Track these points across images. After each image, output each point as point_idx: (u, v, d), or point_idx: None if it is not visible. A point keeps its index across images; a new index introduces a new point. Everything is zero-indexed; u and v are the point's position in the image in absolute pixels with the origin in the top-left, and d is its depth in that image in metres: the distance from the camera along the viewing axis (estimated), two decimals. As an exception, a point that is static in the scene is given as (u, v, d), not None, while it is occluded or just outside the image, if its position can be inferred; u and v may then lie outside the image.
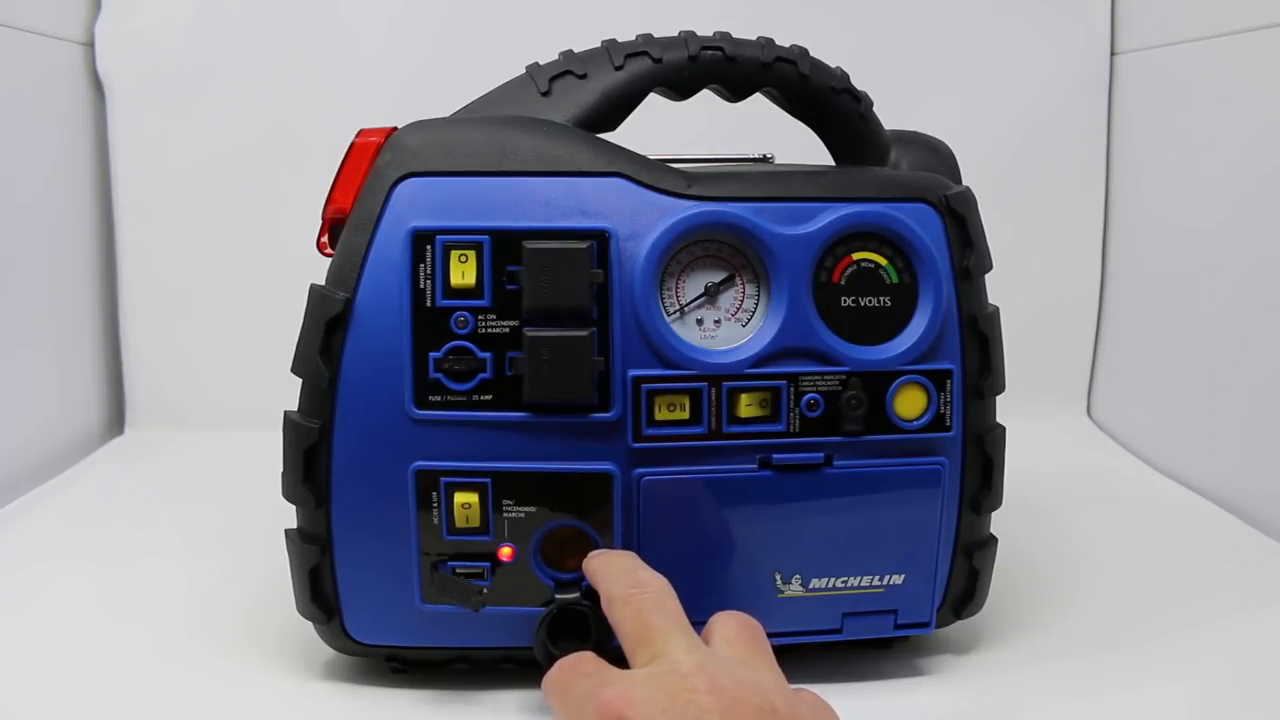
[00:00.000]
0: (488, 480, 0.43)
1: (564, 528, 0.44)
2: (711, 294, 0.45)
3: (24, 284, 0.78)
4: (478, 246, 0.43)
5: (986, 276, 0.48)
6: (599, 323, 0.43)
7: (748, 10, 0.70)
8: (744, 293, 0.45)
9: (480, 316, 0.43)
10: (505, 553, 0.44)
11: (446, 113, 0.47)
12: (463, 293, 0.43)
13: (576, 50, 0.48)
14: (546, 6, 0.87)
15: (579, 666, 0.37)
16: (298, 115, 0.87)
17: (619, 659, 0.38)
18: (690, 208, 0.44)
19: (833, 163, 0.53)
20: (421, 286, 0.43)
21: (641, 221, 0.44)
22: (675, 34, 0.48)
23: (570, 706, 0.36)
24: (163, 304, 0.89)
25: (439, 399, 0.43)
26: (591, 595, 0.42)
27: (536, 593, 0.44)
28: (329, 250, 0.45)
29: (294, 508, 0.45)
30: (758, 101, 0.51)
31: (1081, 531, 0.66)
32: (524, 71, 0.48)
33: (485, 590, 0.44)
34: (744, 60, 0.48)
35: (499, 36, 0.87)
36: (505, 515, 0.43)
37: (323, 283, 0.44)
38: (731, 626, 0.38)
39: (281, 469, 0.44)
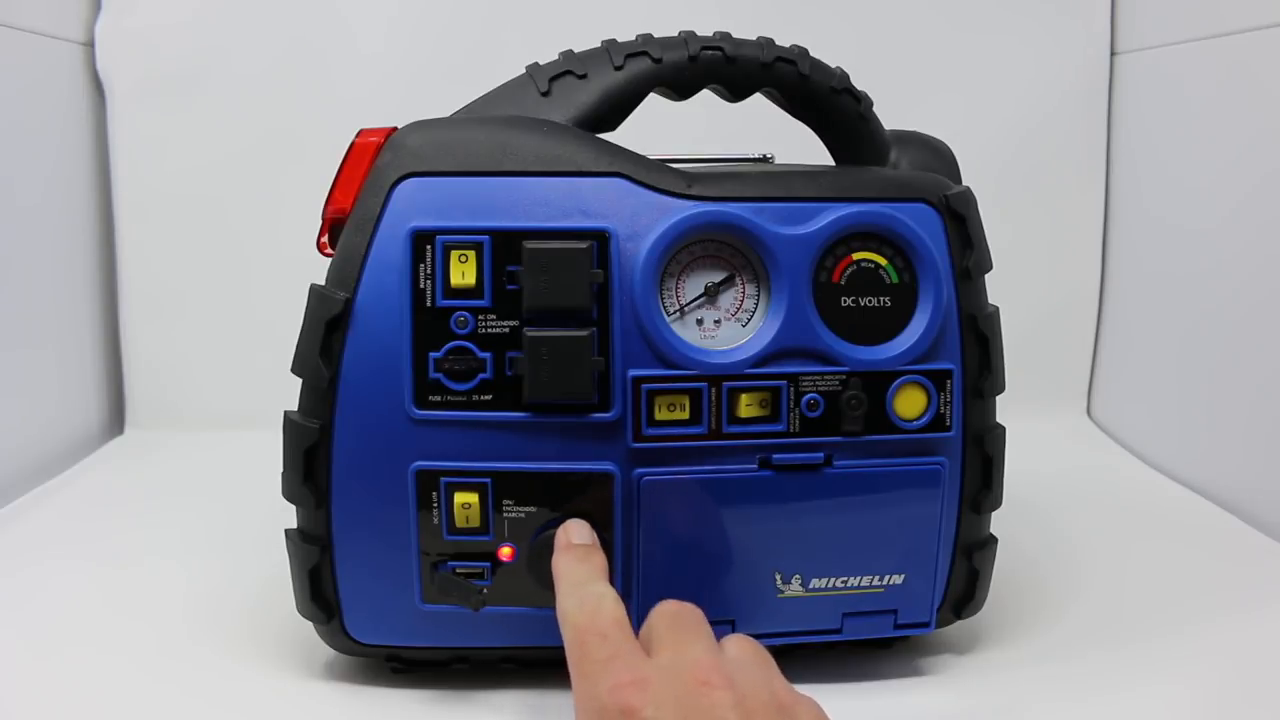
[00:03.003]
0: (488, 480, 0.43)
1: (564, 528, 0.44)
2: (711, 294, 0.45)
3: (24, 284, 0.78)
4: (478, 246, 0.43)
5: (986, 276, 0.48)
6: (599, 323, 0.43)
7: (748, 10, 0.70)
8: (744, 293, 0.45)
9: (480, 316, 0.43)
10: (505, 553, 0.44)
11: (446, 113, 0.47)
12: (463, 293, 0.43)
13: (576, 50, 0.48)
14: (546, 6, 0.87)
15: (597, 620, 0.37)
16: (298, 115, 0.87)
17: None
18: (690, 208, 0.44)
19: (833, 163, 0.53)
20: (421, 286, 0.43)
21: (641, 221, 0.44)
22: (675, 34, 0.48)
23: (586, 672, 0.35)
24: (163, 304, 0.89)
25: (439, 399, 0.43)
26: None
27: (536, 593, 0.44)
28: (329, 250, 0.45)
29: (294, 508, 0.45)
30: (758, 101, 0.51)
31: (1081, 531, 0.66)
32: (524, 71, 0.48)
33: (485, 590, 0.44)
34: (744, 60, 0.48)
35: (499, 36, 0.87)
36: (505, 515, 0.43)
37: (323, 283, 0.44)
38: (739, 638, 0.38)
39: (281, 469, 0.44)
